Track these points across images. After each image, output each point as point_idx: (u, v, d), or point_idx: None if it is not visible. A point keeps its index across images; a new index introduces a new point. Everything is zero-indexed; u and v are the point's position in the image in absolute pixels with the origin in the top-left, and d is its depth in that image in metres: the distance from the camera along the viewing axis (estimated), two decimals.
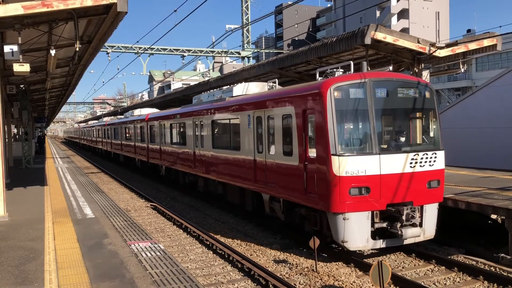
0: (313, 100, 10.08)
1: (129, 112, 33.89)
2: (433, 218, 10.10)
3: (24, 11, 8.84)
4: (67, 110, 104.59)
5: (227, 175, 14.88)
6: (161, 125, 23.09)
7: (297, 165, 10.59)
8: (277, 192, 11.66)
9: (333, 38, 13.72)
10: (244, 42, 39.65)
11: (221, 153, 15.37)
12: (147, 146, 25.99)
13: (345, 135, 9.92)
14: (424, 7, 77.05)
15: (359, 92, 9.79)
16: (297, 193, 10.66)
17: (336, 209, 9.39)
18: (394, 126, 10.79)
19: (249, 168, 13.08)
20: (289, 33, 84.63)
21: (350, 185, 9.32)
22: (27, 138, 25.71)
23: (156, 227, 14.29)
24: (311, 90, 10.28)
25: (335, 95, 9.60)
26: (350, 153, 9.52)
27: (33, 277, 6.95)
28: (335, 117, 9.50)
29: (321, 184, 9.70)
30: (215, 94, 17.03)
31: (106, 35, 11.71)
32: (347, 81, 9.85)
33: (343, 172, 9.30)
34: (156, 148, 24.02)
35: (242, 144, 13.56)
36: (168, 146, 21.90)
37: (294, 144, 10.75)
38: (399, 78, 10.55)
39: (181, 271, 7.53)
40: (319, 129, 9.77)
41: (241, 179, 13.73)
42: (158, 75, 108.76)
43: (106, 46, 33.41)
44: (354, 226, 9.36)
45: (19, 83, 20.46)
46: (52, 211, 12.28)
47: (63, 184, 18.92)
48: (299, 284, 8.86)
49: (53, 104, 41.32)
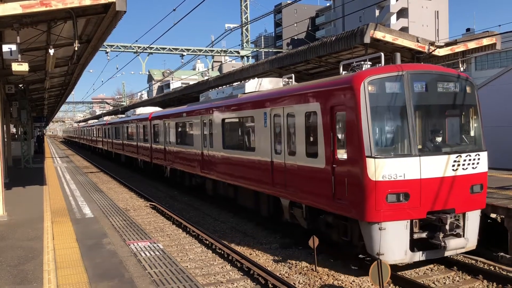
0: (343, 95, 9.10)
1: (131, 111, 33.26)
2: (475, 226, 9.21)
3: (22, 10, 8.81)
4: (66, 109, 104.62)
5: (240, 177, 13.90)
6: (165, 124, 22.18)
7: (323, 168, 9.62)
8: (299, 197, 10.72)
9: (333, 37, 13.70)
10: (243, 41, 39.62)
11: (233, 154, 14.39)
12: (150, 146, 25.11)
13: (381, 135, 8.95)
14: (423, 6, 77.08)
15: (396, 86, 8.82)
16: (323, 199, 9.70)
17: (371, 218, 8.45)
18: (433, 125, 9.64)
19: (265, 170, 12.19)
20: (288, 32, 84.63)
21: (387, 191, 8.39)
22: (26, 138, 25.68)
23: (155, 226, 14.28)
24: (341, 84, 9.28)
25: (369, 89, 8.63)
26: (387, 155, 8.57)
27: (32, 277, 6.93)
28: (370, 114, 8.53)
29: (353, 189, 8.76)
30: (225, 91, 16.04)
31: (105, 35, 11.68)
32: (383, 73, 8.86)
33: (379, 177, 8.36)
34: (160, 148, 23.09)
35: (257, 144, 12.67)
36: (173, 146, 20.94)
37: (319, 144, 9.77)
38: (438, 71, 9.54)
39: (180, 270, 7.53)
40: (351, 128, 8.81)
41: (255, 182, 12.87)
42: (157, 75, 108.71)
43: (105, 45, 33.37)
44: (391, 236, 8.44)
45: (18, 82, 20.43)
46: (51, 211, 12.27)
47: (62, 183, 18.91)
48: (298, 283, 8.85)
49: (52, 104, 41.27)
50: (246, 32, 39.75)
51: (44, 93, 26.94)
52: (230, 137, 15.15)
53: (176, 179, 21.53)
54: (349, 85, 8.94)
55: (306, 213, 10.73)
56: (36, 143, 42.44)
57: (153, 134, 24.50)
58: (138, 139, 28.12)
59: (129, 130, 30.87)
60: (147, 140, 25.77)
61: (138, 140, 28.01)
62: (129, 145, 30.91)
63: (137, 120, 28.24)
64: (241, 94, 14.24)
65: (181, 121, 19.83)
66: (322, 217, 10.20)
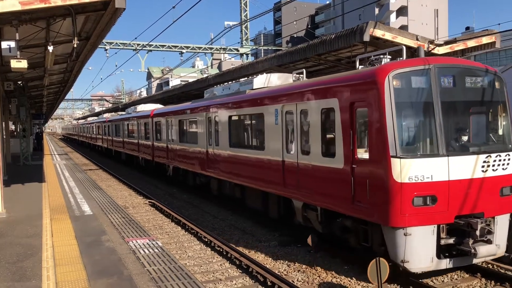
0: (365, 90, 8.52)
1: (131, 108, 32.66)
2: (505, 231, 8.65)
3: (21, 7, 8.79)
4: (65, 106, 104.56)
5: (248, 177, 13.27)
6: (168, 121, 21.48)
7: (341, 168, 9.04)
8: (314, 199, 10.09)
9: (332, 35, 13.68)
10: (243, 39, 39.57)
11: (240, 152, 13.75)
12: (152, 144, 24.42)
13: (406, 133, 8.40)
14: (422, 5, 77.11)
15: (422, 81, 8.28)
16: (341, 201, 9.12)
17: (396, 222, 7.89)
18: (460, 122, 8.98)
19: (275, 170, 11.56)
20: (287, 30, 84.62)
21: (413, 194, 7.85)
22: (25, 135, 25.67)
23: (154, 224, 14.28)
24: (363, 79, 8.69)
25: (394, 84, 8.08)
26: (414, 155, 8.04)
27: (31, 274, 6.94)
28: (395, 111, 7.99)
29: (376, 192, 8.20)
30: (232, 87, 15.29)
31: (104, 32, 11.66)
32: (408, 67, 8.31)
33: (405, 178, 7.83)
34: (162, 147, 22.42)
35: (267, 142, 12.05)
36: (176, 144, 20.23)
37: (337, 143, 9.19)
38: (466, 65, 8.98)
39: (179, 268, 7.53)
40: (374, 126, 8.24)
41: (265, 183, 12.27)
42: (157, 72, 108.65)
43: (104, 42, 33.25)
44: (417, 243, 7.91)
45: (16, 79, 20.42)
46: (50, 208, 12.27)
47: (61, 181, 18.91)
48: (297, 281, 8.86)
49: (51, 101, 41.23)
50: (245, 30, 39.71)
51: (43, 90, 26.91)
52: (237, 135, 14.57)
53: (179, 178, 20.94)
54: (372, 79, 8.39)
55: (322, 216, 10.05)
56: (35, 140, 42.43)
57: (155, 131, 23.94)
58: (139, 137, 27.61)
59: (130, 128, 30.37)
60: (148, 138, 25.16)
61: (139, 138, 27.47)
62: (129, 143, 30.41)
63: (138, 117, 27.65)
64: (249, 90, 13.63)
65: (185, 118, 19.18)
66: (339, 220, 9.63)
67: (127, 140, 31.19)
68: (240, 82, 14.86)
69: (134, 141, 28.74)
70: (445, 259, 8.14)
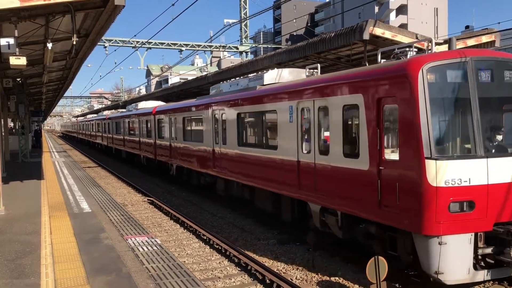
0: (395, 85, 7.87)
1: (132, 105, 32.04)
2: None
3: (20, 4, 8.77)
4: (64, 104, 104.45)
5: (258, 178, 12.60)
6: (171, 119, 20.75)
7: (366, 170, 8.37)
8: (333, 202, 9.41)
9: (332, 34, 13.66)
10: (242, 37, 39.54)
11: (250, 152, 13.07)
12: (154, 142, 23.67)
13: (442, 132, 7.70)
14: (422, 3, 77.08)
15: (459, 75, 7.62)
16: (365, 205, 8.46)
17: (430, 230, 7.25)
18: (497, 121, 8.26)
19: (290, 171, 10.89)
20: (287, 28, 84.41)
21: (449, 199, 7.22)
22: (23, 132, 25.64)
23: (153, 221, 14.29)
24: (392, 73, 8.04)
25: (428, 78, 7.41)
26: (450, 156, 7.40)
27: (30, 271, 6.94)
28: (430, 107, 7.34)
29: (407, 196, 7.54)
30: (240, 83, 14.53)
31: (104, 29, 11.64)
32: (443, 59, 7.62)
33: (441, 182, 7.17)
34: (165, 145, 21.70)
35: (281, 141, 11.36)
36: (180, 143, 19.52)
37: (362, 142, 8.52)
38: (505, 58, 8.25)
39: (178, 265, 7.53)
40: (406, 124, 7.58)
41: (277, 184, 11.59)
42: (156, 70, 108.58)
43: (104, 40, 33.24)
44: (453, 252, 7.27)
45: (15, 76, 20.38)
46: (49, 205, 12.26)
47: (59, 178, 18.90)
48: (295, 279, 8.87)
49: (50, 98, 41.18)
50: (245, 28, 39.67)
51: (42, 87, 26.86)
52: (246, 134, 13.95)
53: (182, 177, 20.28)
54: (403, 73, 7.71)
55: (342, 221, 9.31)
56: (33, 137, 42.38)
57: (158, 129, 23.22)
58: (140, 135, 26.95)
59: (131, 125, 29.74)
60: (150, 136, 24.48)
61: (141, 136, 26.80)
62: (130, 141, 29.79)
63: (140, 114, 26.93)
64: (259, 86, 12.92)
65: (190, 115, 18.44)
66: (362, 226, 8.92)
67: (128, 138, 30.61)
68: (249, 77, 14.07)
69: (135, 139, 28.17)
70: (482, 270, 7.48)
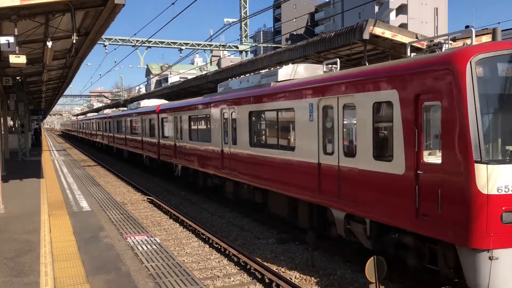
0: (437, 79, 7.05)
1: (134, 103, 31.30)
2: None
3: (20, 2, 8.77)
4: (64, 102, 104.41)
5: (272, 181, 11.89)
6: (176, 117, 19.92)
7: (401, 175, 7.58)
8: (361, 210, 8.59)
9: (332, 33, 13.67)
10: (242, 36, 39.53)
11: (263, 153, 12.35)
12: (158, 142, 22.88)
13: (493, 133, 6.86)
14: (422, 3, 77.05)
15: (511, 68, 6.81)
16: (400, 214, 7.69)
17: (479, 243, 6.48)
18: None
19: (309, 174, 10.11)
20: (287, 28, 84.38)
21: (502, 209, 6.45)
22: (23, 131, 25.62)
23: (152, 220, 14.29)
24: (434, 65, 7.19)
25: (477, 71, 6.60)
26: (503, 160, 6.59)
27: (29, 270, 6.93)
28: (480, 105, 6.52)
29: (451, 204, 6.77)
30: (251, 79, 13.77)
31: (103, 28, 11.64)
32: (494, 51, 6.79)
33: (493, 189, 6.39)
34: (169, 145, 20.92)
35: (298, 142, 10.57)
36: (185, 143, 18.73)
37: (396, 144, 7.72)
38: None
39: (177, 264, 7.54)
40: (451, 123, 6.75)
41: (294, 188, 10.84)
42: (156, 68, 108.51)
43: (103, 38, 33.21)
44: (505, 268, 6.54)
45: (15, 75, 20.37)
46: (48, 204, 12.26)
47: (59, 176, 18.89)
48: (295, 278, 8.88)
49: (50, 97, 41.16)
50: (245, 27, 39.65)
51: (42, 86, 26.85)
52: (259, 133, 13.21)
53: (188, 179, 19.43)
54: (447, 66, 6.87)
55: (372, 230, 8.49)
56: (33, 136, 42.36)
57: (161, 128, 22.41)
58: (143, 134, 26.04)
59: (133, 124, 28.95)
60: (154, 135, 23.63)
61: (144, 135, 25.91)
62: (132, 140, 28.95)
63: (143, 113, 26.06)
64: (274, 82, 12.13)
65: (196, 114, 17.59)
66: (395, 236, 8.10)
67: (129, 137, 29.86)
68: (261, 74, 13.36)
69: (138, 138, 27.43)
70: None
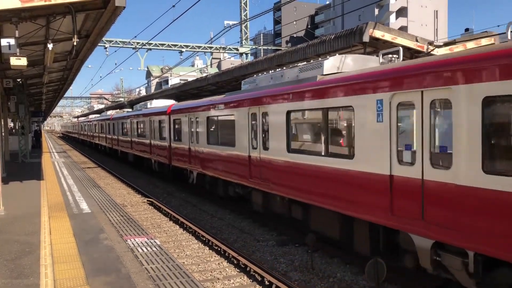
0: None
1: (140, 104, 29.18)
2: None
3: (21, 4, 8.79)
4: (64, 104, 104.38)
5: (317, 194, 9.89)
6: (191, 119, 17.97)
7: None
8: (460, 238, 6.63)
9: (332, 36, 13.70)
10: (243, 39, 39.57)
11: (305, 160, 10.38)
12: (169, 145, 20.97)
13: None
14: (422, 6, 77.21)
15: None
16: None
17: None
18: None
19: (374, 188, 8.20)
20: (287, 30, 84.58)
21: None
22: (23, 132, 25.65)
23: (152, 222, 14.29)
24: None
25: None
26: None
27: (29, 271, 6.94)
28: None
29: None
30: (287, 74, 11.88)
31: (104, 30, 11.67)
32: None
33: None
34: (183, 148, 18.99)
35: (359, 148, 8.64)
36: (202, 147, 16.75)
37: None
38: None
39: (177, 266, 7.54)
40: None
41: (349, 204, 8.84)
42: (156, 71, 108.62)
43: (104, 40, 33.23)
44: None
45: (16, 77, 20.40)
46: (48, 206, 12.27)
47: (59, 178, 18.89)
48: (295, 280, 8.88)
49: (50, 99, 41.19)
50: (245, 29, 39.70)
51: (42, 88, 26.90)
52: (300, 137, 11.43)
53: (204, 186, 17.54)
54: None
55: (477, 265, 6.59)
56: (33, 137, 42.39)
57: (173, 130, 20.52)
58: (152, 137, 23.89)
59: (140, 126, 26.85)
60: (164, 138, 21.69)
61: (152, 138, 23.84)
62: (139, 143, 26.84)
63: (151, 114, 24.00)
64: (320, 76, 10.29)
65: (216, 115, 15.71)
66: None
67: (136, 140, 27.82)
68: (300, 67, 11.58)
69: (145, 141, 25.31)
70: None
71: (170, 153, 20.94)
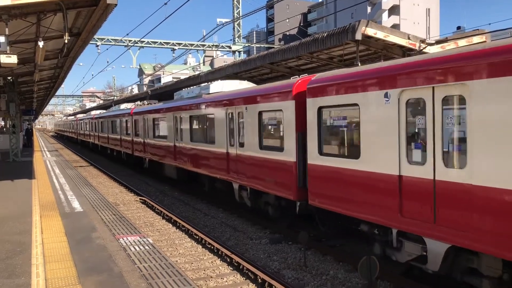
0: None
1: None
2: None
3: (11, 2, 8.72)
4: (56, 103, 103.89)
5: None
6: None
7: None
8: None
9: (324, 34, 13.70)
10: (235, 36, 39.51)
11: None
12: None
13: None
14: (414, 4, 77.56)
15: None
16: None
17: None
18: None
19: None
20: (280, 28, 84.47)
21: None
22: (14, 131, 25.44)
23: (145, 221, 14.24)
24: None
25: None
26: None
27: (20, 271, 6.88)
28: None
29: None
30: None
31: (96, 28, 11.60)
32: None
33: None
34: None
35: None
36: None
37: None
38: None
39: (170, 265, 7.51)
40: None
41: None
42: (148, 69, 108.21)
43: (96, 38, 33.08)
44: None
45: (6, 75, 20.23)
46: (40, 205, 12.17)
47: (51, 177, 18.76)
48: (288, 278, 8.89)
49: (42, 97, 40.91)
50: (238, 27, 39.63)
51: (34, 86, 26.68)
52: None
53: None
54: None
55: None
56: (25, 136, 42.05)
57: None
58: (121, 133, 28.48)
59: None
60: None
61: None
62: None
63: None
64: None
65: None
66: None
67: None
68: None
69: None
70: None
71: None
